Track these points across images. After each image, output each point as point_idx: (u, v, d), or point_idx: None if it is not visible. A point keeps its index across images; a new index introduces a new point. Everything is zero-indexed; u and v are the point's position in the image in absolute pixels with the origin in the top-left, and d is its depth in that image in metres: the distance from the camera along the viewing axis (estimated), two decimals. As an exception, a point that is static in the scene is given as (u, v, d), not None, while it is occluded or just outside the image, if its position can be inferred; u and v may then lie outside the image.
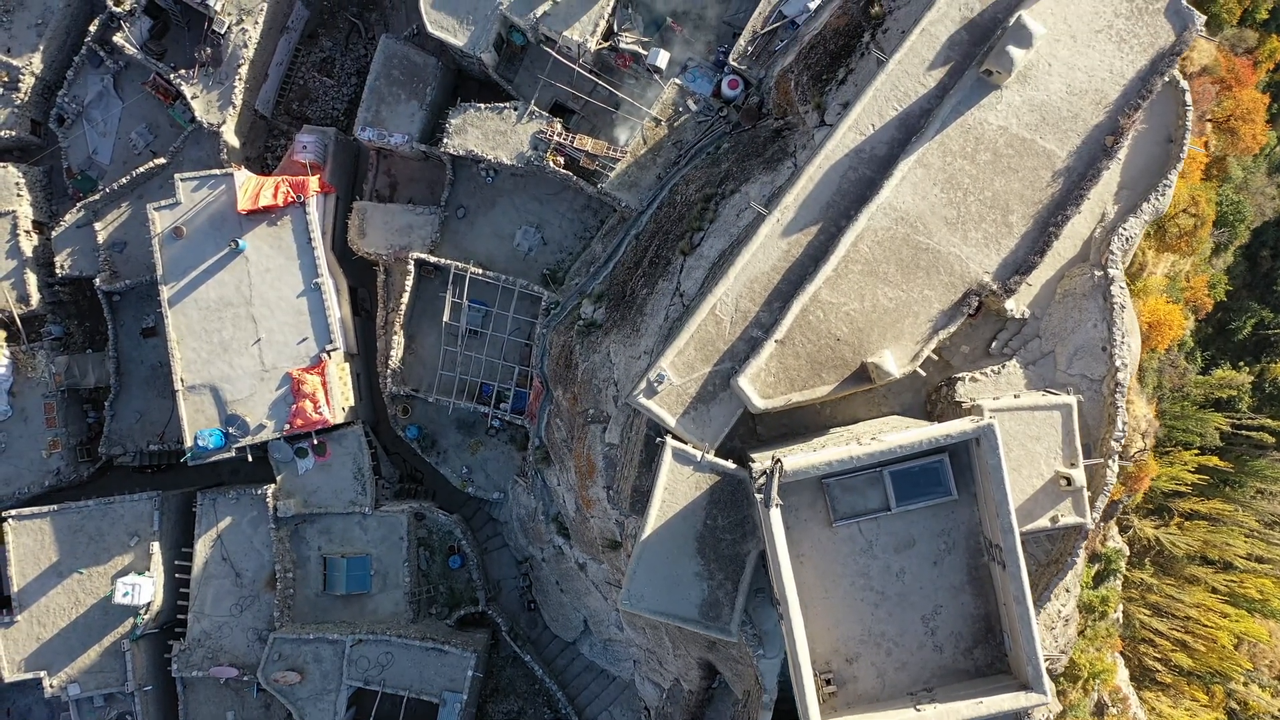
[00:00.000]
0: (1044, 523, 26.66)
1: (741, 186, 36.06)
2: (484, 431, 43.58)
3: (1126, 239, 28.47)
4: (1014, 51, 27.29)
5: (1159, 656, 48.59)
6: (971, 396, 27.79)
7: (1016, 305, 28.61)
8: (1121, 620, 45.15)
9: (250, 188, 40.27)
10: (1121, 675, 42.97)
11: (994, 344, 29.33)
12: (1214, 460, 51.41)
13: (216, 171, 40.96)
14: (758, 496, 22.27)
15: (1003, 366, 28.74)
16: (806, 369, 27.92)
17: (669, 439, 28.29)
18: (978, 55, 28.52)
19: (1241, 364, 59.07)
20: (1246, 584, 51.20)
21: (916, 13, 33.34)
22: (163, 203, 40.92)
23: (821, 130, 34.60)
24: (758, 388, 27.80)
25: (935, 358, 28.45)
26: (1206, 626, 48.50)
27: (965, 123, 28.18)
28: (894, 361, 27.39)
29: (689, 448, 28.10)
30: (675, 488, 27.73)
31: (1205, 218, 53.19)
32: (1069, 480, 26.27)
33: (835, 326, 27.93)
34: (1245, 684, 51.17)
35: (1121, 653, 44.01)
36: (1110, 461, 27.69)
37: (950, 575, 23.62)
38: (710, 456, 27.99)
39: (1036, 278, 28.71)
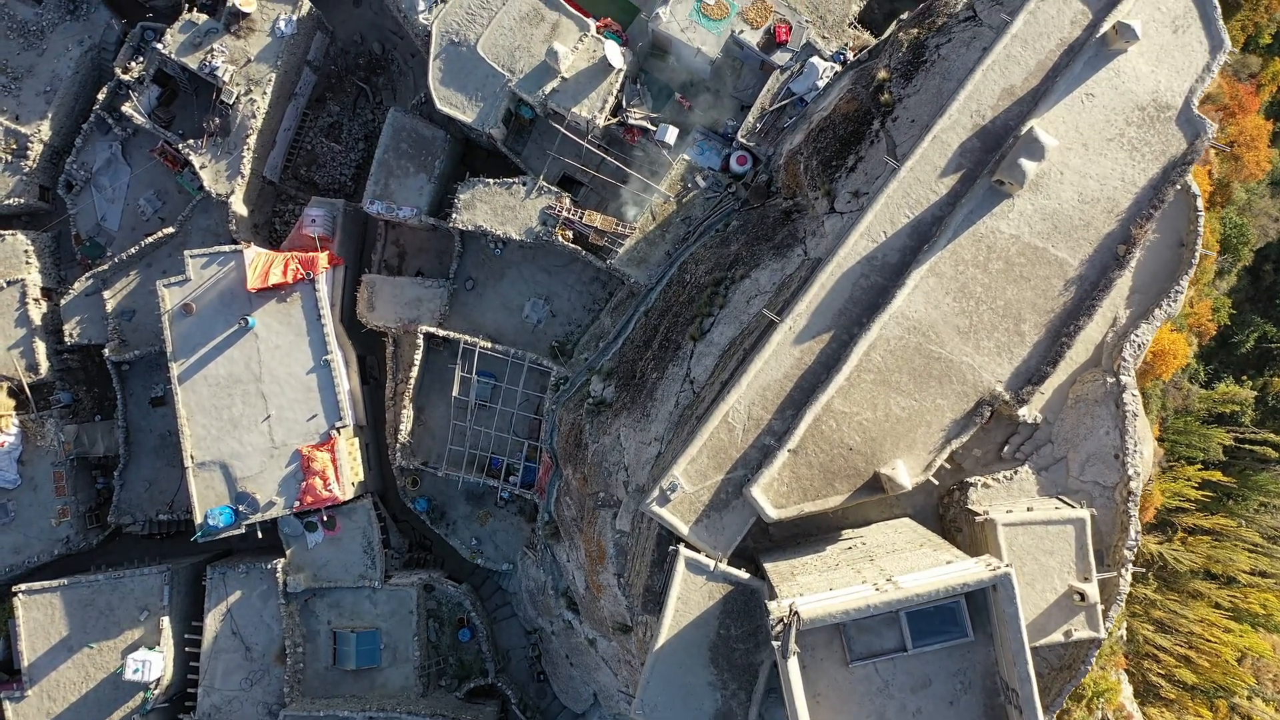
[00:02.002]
0: (1057, 637, 26.69)
1: (751, 272, 36.10)
2: (493, 503, 43.61)
3: (1139, 345, 28.47)
4: (1026, 164, 27.30)
5: (1163, 673, 48.44)
6: (984, 506, 27.81)
7: (1029, 411, 28.60)
8: (1126, 637, 45.09)
9: (260, 265, 40.31)
10: (1126, 692, 42.84)
11: (1006, 448, 29.34)
12: (1217, 475, 51.47)
13: (226, 249, 40.99)
14: (775, 645, 22.30)
15: (1015, 472, 28.76)
16: (819, 478, 27.94)
17: (682, 547, 28.33)
18: (990, 163, 28.54)
19: (1244, 378, 59.08)
20: (1250, 599, 51.15)
21: (927, 103, 33.51)
22: (172, 279, 40.98)
23: (831, 218, 34.68)
24: (771, 497, 27.83)
25: (948, 466, 28.45)
26: (1210, 642, 48.42)
27: (977, 231, 28.19)
28: (906, 473, 27.40)
29: (702, 556, 28.12)
30: (688, 597, 27.76)
31: (1210, 247, 53.14)
32: (1082, 595, 26.28)
33: (848, 436, 27.95)
34: (1249, 699, 51.05)
35: (1126, 669, 43.90)
36: (1123, 571, 27.68)
37: (966, 715, 23.60)
38: (723, 566, 28.02)
39: (1049, 383, 28.69)
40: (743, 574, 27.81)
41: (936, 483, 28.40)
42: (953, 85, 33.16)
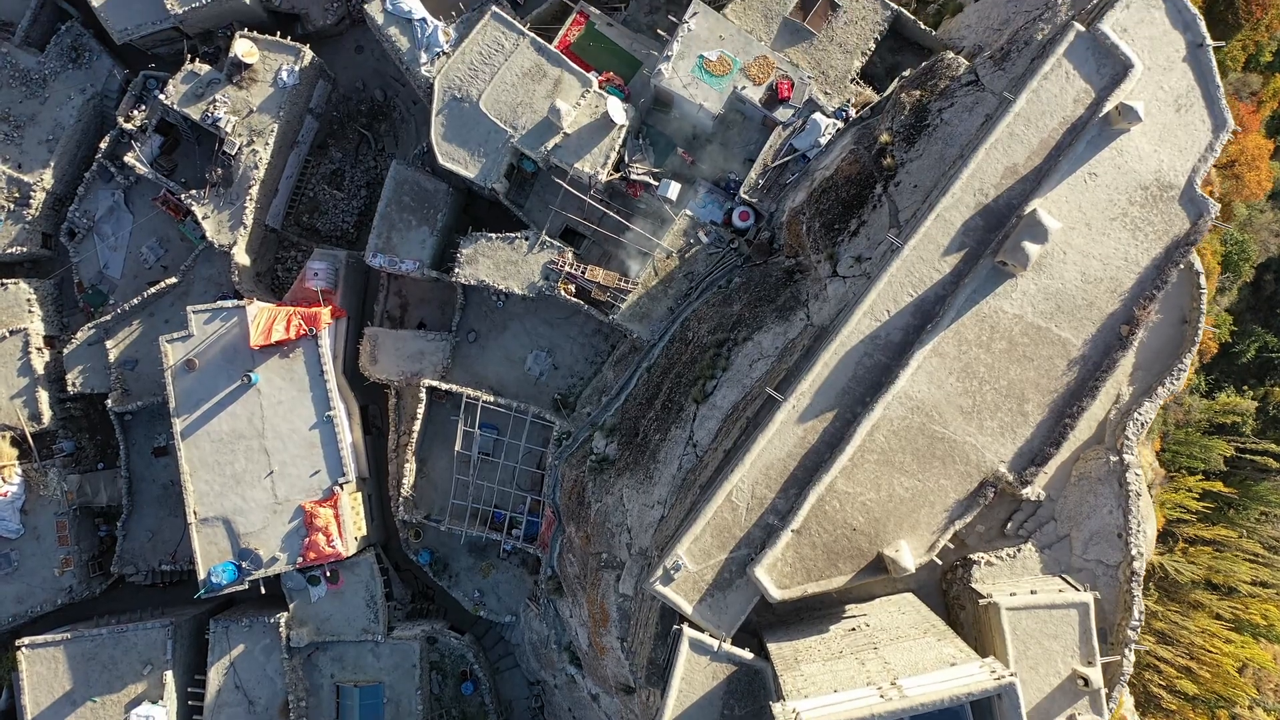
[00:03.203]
0: (1061, 721, 26.74)
1: (754, 335, 36.13)
2: (496, 554, 43.63)
3: (1141, 424, 28.49)
4: (1029, 247, 27.33)
5: (1164, 684, 48.41)
6: (988, 585, 27.83)
7: (1032, 490, 28.61)
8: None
9: (262, 321, 40.34)
10: (1127, 704, 42.76)
11: (1009, 524, 29.38)
12: (1218, 485, 51.56)
13: (228, 304, 41.01)
14: (780, 749, 22.39)
15: (1019, 549, 28.81)
16: (823, 559, 27.97)
17: (685, 627, 28.35)
18: (993, 242, 28.57)
19: (1245, 387, 59.15)
20: (1251, 609, 51.22)
21: (930, 168, 33.57)
22: (175, 335, 41.00)
23: (834, 282, 34.72)
24: (774, 578, 27.86)
25: (951, 546, 28.48)
26: (1211, 652, 48.47)
27: (980, 311, 28.22)
28: (910, 554, 27.43)
29: (706, 636, 28.14)
30: (692, 678, 27.80)
31: (1211, 270, 53.08)
32: (1086, 680, 26.31)
33: (851, 516, 27.98)
34: (1250, 709, 51.03)
35: (1127, 681, 43.78)
36: (1126, 652, 27.71)
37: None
38: (727, 646, 28.06)
39: (1052, 462, 28.69)
40: (746, 654, 27.85)
41: (940, 561, 28.38)
42: (955, 151, 33.31)
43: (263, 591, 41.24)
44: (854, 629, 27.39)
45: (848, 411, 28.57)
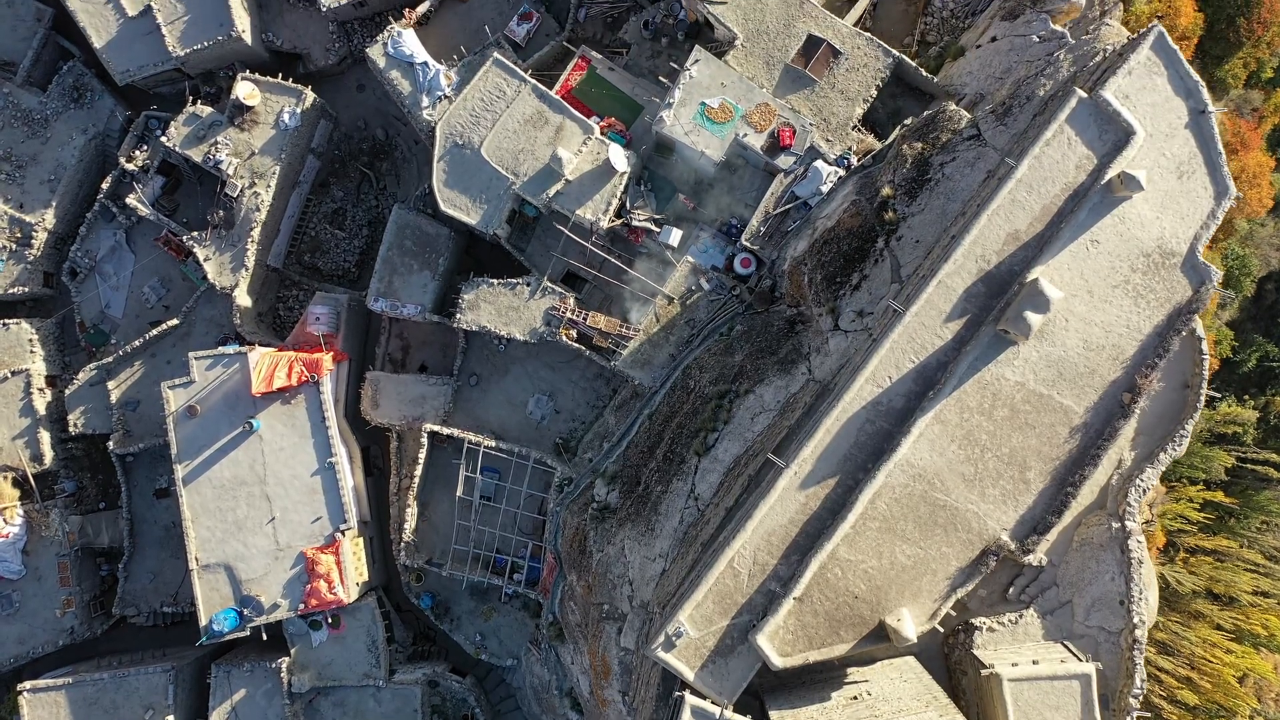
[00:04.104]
0: (1063, 793, 26.74)
1: (755, 387, 36.15)
2: (497, 598, 43.62)
3: (1143, 490, 28.49)
4: (1031, 317, 27.33)
5: (1164, 694, 48.33)
6: (990, 652, 27.82)
7: (1034, 556, 28.60)
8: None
9: (264, 368, 40.32)
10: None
11: (1011, 589, 29.39)
12: (1219, 495, 51.54)
13: (230, 350, 41.02)
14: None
15: (1020, 615, 28.81)
16: (825, 626, 27.97)
17: (687, 694, 28.35)
18: (995, 308, 28.56)
19: (1246, 397, 59.17)
20: (1252, 619, 51.24)
21: (931, 223, 33.62)
22: (177, 381, 40.99)
23: (836, 336, 34.76)
24: (776, 645, 27.87)
25: (953, 613, 28.47)
26: (1211, 662, 48.45)
27: (982, 379, 28.23)
28: (912, 623, 27.44)
29: (707, 704, 28.14)
30: (694, 745, 27.79)
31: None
32: (1088, 752, 26.32)
33: (853, 584, 27.98)
34: (1251, 719, 50.94)
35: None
36: (1129, 719, 27.72)
37: None
38: (729, 713, 28.05)
39: (1054, 529, 28.68)
40: (747, 721, 27.85)
41: (942, 629, 28.38)
42: (957, 207, 33.35)
43: (264, 637, 41.22)
44: (855, 697, 27.40)
45: (850, 478, 28.57)
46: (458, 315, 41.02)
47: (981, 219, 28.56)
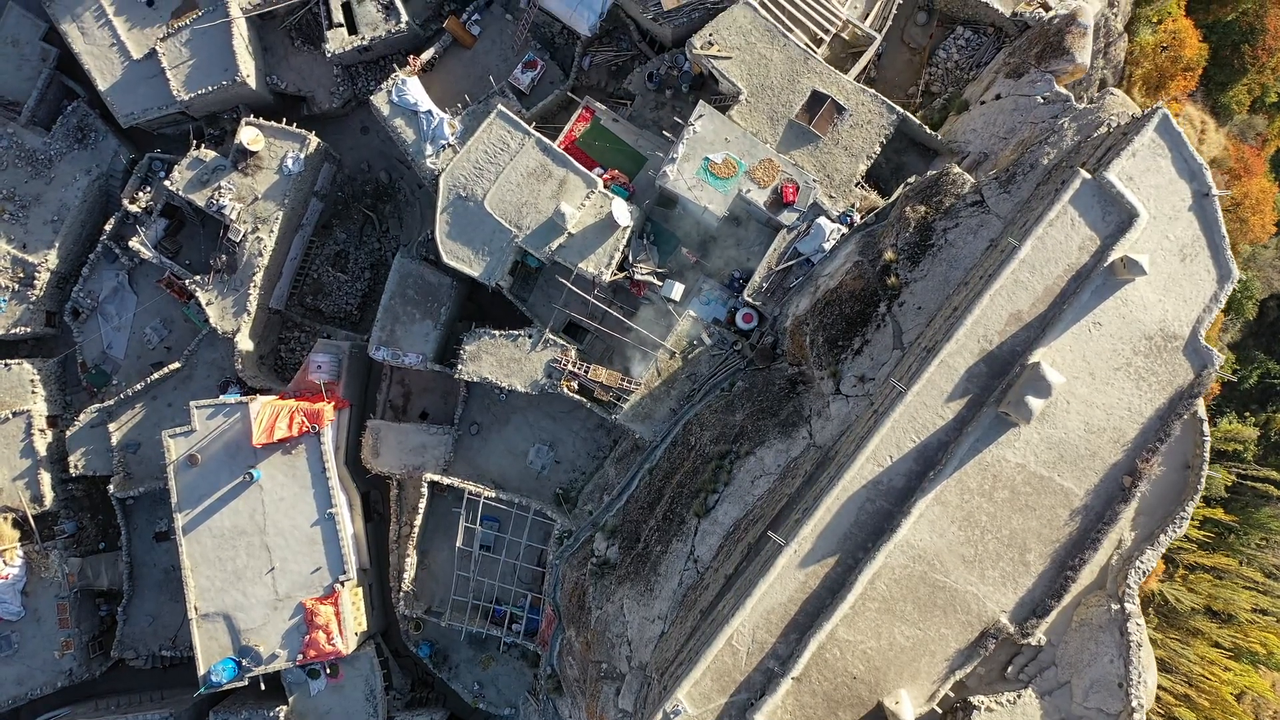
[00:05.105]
0: None
1: (756, 450, 36.14)
2: (496, 646, 43.62)
3: (1143, 571, 28.47)
4: (1032, 401, 27.31)
5: (1161, 712, 48.30)
6: (987, 736, 27.80)
7: (1033, 637, 28.59)
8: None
9: (265, 419, 40.33)
10: None
11: (1010, 668, 29.36)
12: (1219, 512, 51.48)
13: (231, 400, 41.06)
14: None
15: (1019, 695, 28.77)
16: (823, 707, 27.97)
17: (685, 773, 28.34)
18: (996, 389, 28.54)
19: (1247, 413, 59.18)
20: (1251, 637, 51.25)
21: (934, 290, 33.61)
22: (178, 429, 41.03)
23: (837, 401, 34.74)
24: (774, 725, 27.85)
25: (951, 694, 28.46)
26: (1209, 680, 48.45)
27: (983, 460, 28.21)
28: (910, 706, 27.45)
29: (705, 783, 28.15)
30: (691, 824, 27.80)
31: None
32: (1085, 840, 26.30)
33: (852, 664, 27.98)
34: None
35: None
36: (1126, 805, 27.70)
37: None
38: (726, 792, 28.04)
39: (1053, 611, 28.66)
40: (745, 802, 27.82)
41: (940, 711, 28.38)
42: (959, 274, 33.35)
43: (262, 685, 41.24)
44: (853, 779, 27.38)
45: (849, 557, 28.55)
46: (459, 366, 41.02)
47: (984, 299, 28.54)
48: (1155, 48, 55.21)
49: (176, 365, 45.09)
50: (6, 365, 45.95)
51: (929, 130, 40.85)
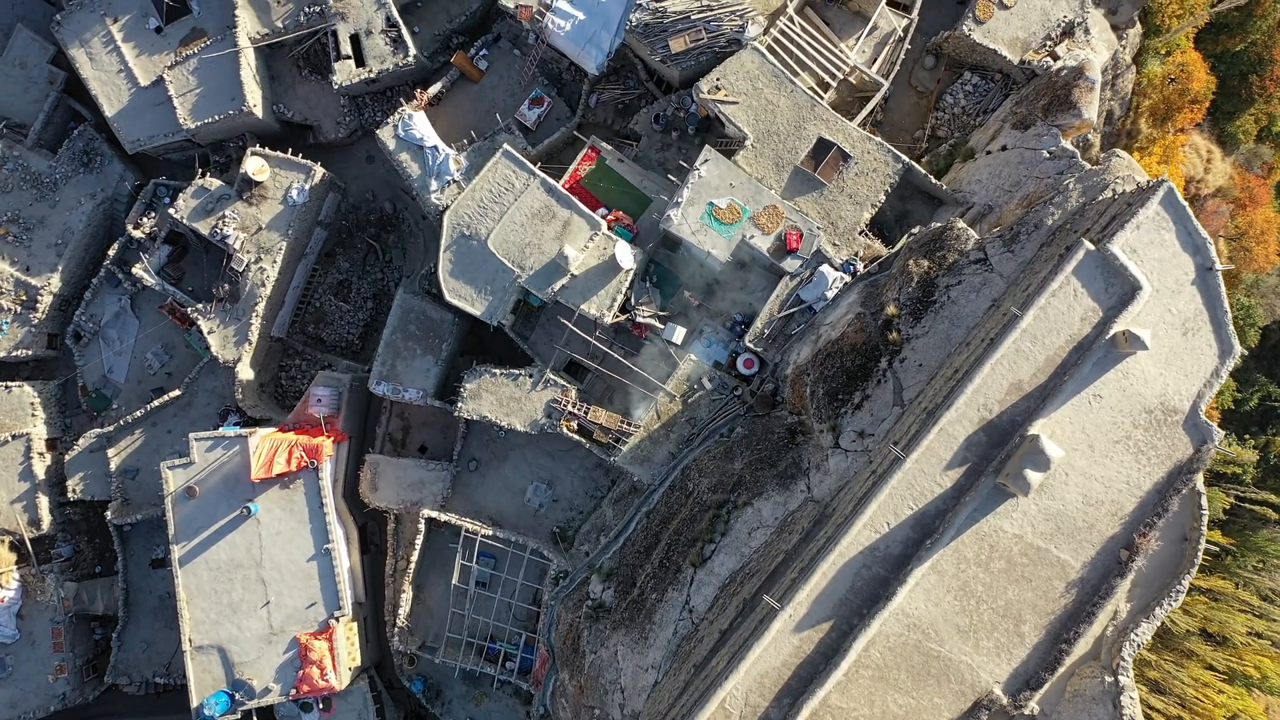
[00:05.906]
0: None
1: (754, 501, 36.14)
2: (489, 683, 43.65)
3: (1138, 644, 28.45)
4: (1031, 475, 27.30)
5: None
6: (978, 806, 27.80)
7: (1026, 709, 28.59)
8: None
9: (264, 453, 40.36)
10: None
11: (1002, 736, 29.31)
12: (1216, 535, 51.40)
13: (230, 433, 41.08)
14: None
15: (1011, 764, 28.72)
16: (814, 773, 27.96)
17: (675, 835, 28.34)
18: (995, 459, 28.53)
19: (1247, 435, 59.20)
20: (1246, 660, 51.23)
21: (935, 347, 33.60)
22: (176, 461, 41.08)
23: (836, 455, 34.74)
24: (765, 790, 27.86)
25: (943, 763, 28.47)
26: (1203, 703, 48.40)
27: (980, 529, 28.22)
28: (902, 776, 27.42)
29: (695, 846, 28.15)
30: None
31: None
32: None
33: (844, 732, 27.99)
34: None
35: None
36: None
37: None
38: None
39: (1046, 684, 28.65)
40: None
41: (931, 779, 28.37)
42: (961, 333, 33.34)
43: (255, 718, 41.26)
44: (843, 847, 27.38)
45: (844, 624, 28.56)
46: (459, 404, 41.03)
47: (985, 367, 28.53)
48: (1163, 80, 55.15)
49: (177, 393, 45.11)
50: (7, 388, 46.01)
51: (934, 180, 40.83)
